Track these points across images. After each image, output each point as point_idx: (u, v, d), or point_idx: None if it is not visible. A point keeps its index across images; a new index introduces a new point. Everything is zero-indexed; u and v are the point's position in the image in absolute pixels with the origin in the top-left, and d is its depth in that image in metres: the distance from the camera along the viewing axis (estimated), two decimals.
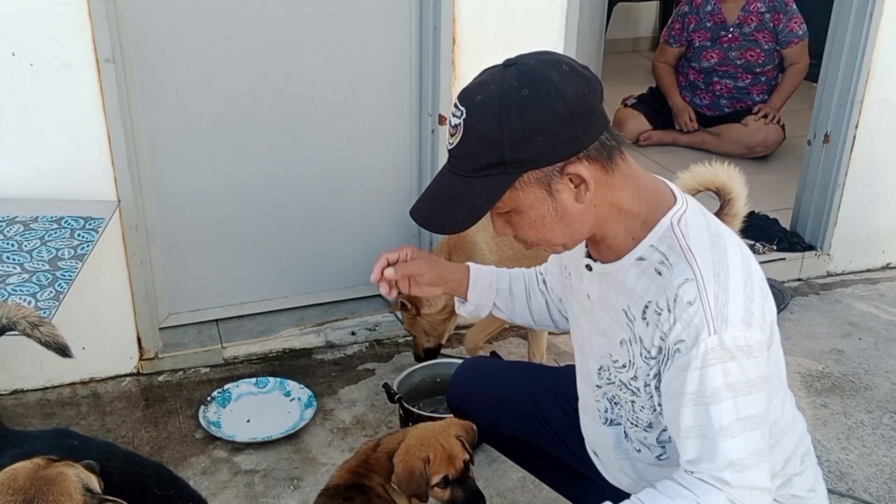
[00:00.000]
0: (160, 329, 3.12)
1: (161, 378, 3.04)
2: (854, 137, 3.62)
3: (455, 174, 1.45)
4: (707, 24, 4.93)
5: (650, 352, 1.50)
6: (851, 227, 3.81)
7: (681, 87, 5.15)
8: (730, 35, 4.88)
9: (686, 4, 5.03)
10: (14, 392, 2.93)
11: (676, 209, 1.51)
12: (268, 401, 2.94)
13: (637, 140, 5.10)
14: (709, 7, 4.92)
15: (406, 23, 3.07)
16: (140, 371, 3.06)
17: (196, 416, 2.82)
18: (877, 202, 3.81)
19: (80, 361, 2.80)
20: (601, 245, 1.56)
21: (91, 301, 2.87)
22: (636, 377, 1.57)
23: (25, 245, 2.46)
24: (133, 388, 3.00)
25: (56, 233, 2.53)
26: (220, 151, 3.05)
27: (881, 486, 2.63)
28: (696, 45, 4.97)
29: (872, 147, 3.66)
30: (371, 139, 3.20)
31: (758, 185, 4.10)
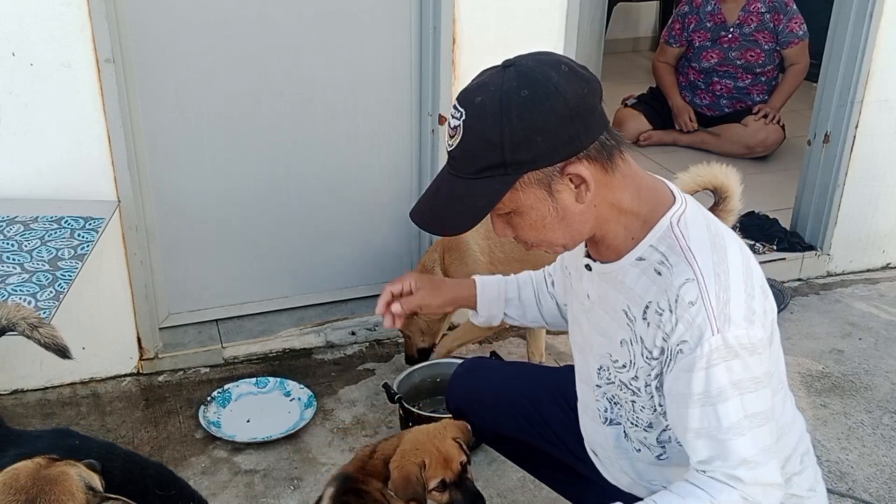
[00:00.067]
0: (160, 329, 3.12)
1: (161, 378, 3.05)
2: (854, 137, 3.62)
3: (455, 176, 1.45)
4: (707, 25, 4.93)
5: (652, 352, 1.50)
6: (851, 227, 3.81)
7: (681, 88, 5.14)
8: (730, 35, 4.88)
9: (686, 4, 5.03)
10: (14, 392, 2.93)
11: (676, 209, 1.51)
12: (268, 401, 2.94)
13: (637, 140, 5.09)
14: (709, 7, 4.92)
15: (406, 23, 3.07)
16: (140, 371, 3.06)
17: (196, 416, 2.82)
18: (877, 202, 3.81)
19: (80, 361, 2.80)
20: (601, 245, 1.56)
21: (91, 301, 2.87)
22: (637, 377, 1.57)
23: (25, 245, 2.46)
24: (133, 388, 3.00)
25: (56, 233, 2.53)
26: (220, 151, 3.05)
27: (881, 486, 2.63)
28: (697, 46, 4.97)
29: (872, 147, 3.66)
30: (371, 139, 3.20)
31: (758, 185, 4.14)
